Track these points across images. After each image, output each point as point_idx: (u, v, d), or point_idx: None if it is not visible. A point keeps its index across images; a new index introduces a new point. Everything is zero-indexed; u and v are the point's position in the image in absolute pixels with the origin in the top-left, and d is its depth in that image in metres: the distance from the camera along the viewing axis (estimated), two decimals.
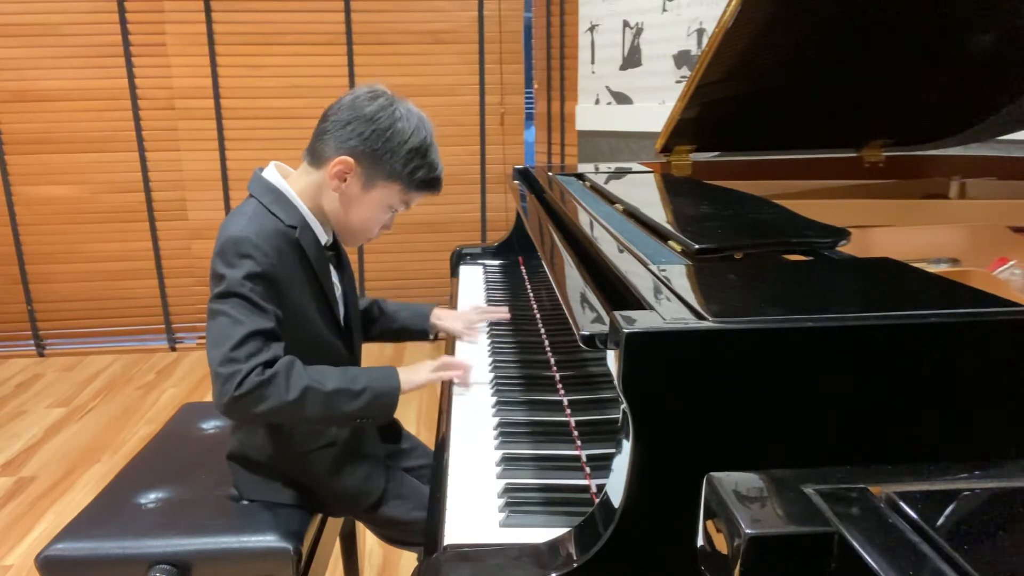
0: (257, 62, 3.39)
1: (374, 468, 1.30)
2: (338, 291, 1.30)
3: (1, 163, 3.36)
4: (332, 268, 1.28)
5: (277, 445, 1.24)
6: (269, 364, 1.06)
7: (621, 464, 0.67)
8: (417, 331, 1.50)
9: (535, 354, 1.33)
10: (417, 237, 3.63)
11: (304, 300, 1.19)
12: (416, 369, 1.22)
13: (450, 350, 1.43)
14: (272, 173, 1.21)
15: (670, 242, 0.97)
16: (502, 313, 1.52)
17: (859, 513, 0.50)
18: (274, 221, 1.15)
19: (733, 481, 0.55)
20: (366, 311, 1.48)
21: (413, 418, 2.79)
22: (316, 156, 1.19)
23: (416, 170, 1.19)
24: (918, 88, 1.51)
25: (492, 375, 1.27)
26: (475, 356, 1.35)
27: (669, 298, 0.71)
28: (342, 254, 1.34)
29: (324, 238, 1.24)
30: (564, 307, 0.86)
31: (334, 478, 1.26)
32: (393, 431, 1.48)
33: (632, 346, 0.63)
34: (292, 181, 1.21)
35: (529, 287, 1.67)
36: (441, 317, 1.49)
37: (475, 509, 0.87)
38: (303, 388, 1.07)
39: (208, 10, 3.30)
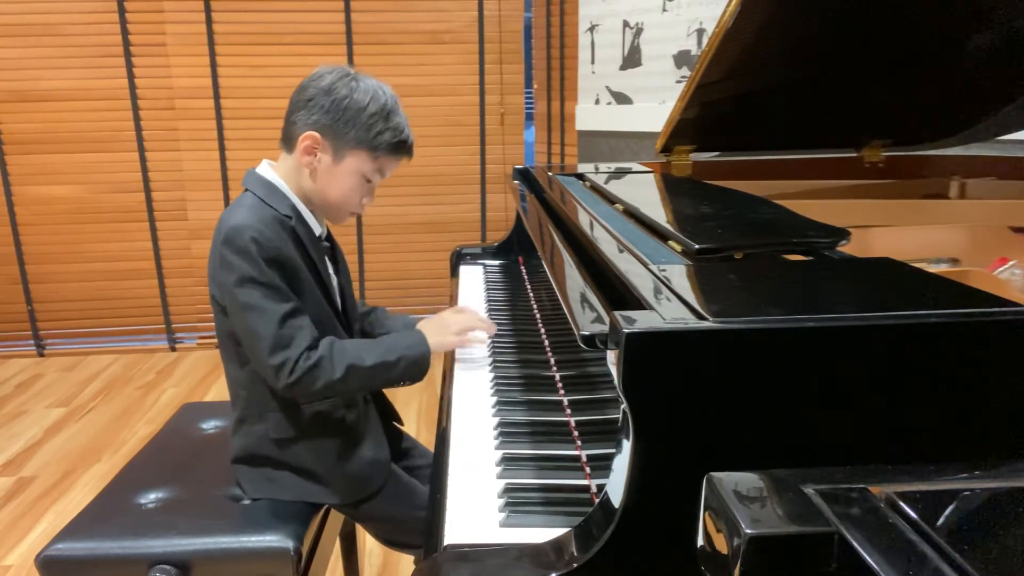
0: (257, 62, 3.39)
1: (379, 451, 1.32)
2: (334, 282, 1.33)
3: (1, 163, 3.36)
4: (328, 261, 1.32)
5: (282, 431, 1.25)
6: (313, 347, 1.16)
7: (621, 464, 0.67)
8: None
9: (535, 354, 1.33)
10: (417, 237, 3.63)
11: (307, 285, 1.23)
12: (441, 331, 1.29)
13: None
14: (264, 168, 1.26)
15: (670, 242, 0.97)
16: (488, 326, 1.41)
17: (859, 513, 0.50)
18: (271, 211, 1.20)
19: (733, 481, 0.55)
20: (363, 314, 1.52)
21: (413, 418, 2.79)
22: (288, 140, 1.25)
23: (380, 134, 1.22)
24: (918, 88, 1.51)
25: (492, 375, 1.27)
26: (475, 355, 1.35)
27: (669, 298, 0.71)
28: (337, 250, 1.38)
29: (318, 230, 1.29)
30: (564, 307, 0.86)
31: (341, 460, 1.27)
32: (394, 430, 1.49)
33: (632, 346, 0.63)
34: (277, 173, 1.26)
35: (529, 287, 1.67)
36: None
37: (475, 509, 0.86)
38: (347, 366, 1.17)
39: (208, 10, 3.30)
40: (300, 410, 1.25)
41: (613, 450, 0.69)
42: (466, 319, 1.33)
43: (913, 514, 0.48)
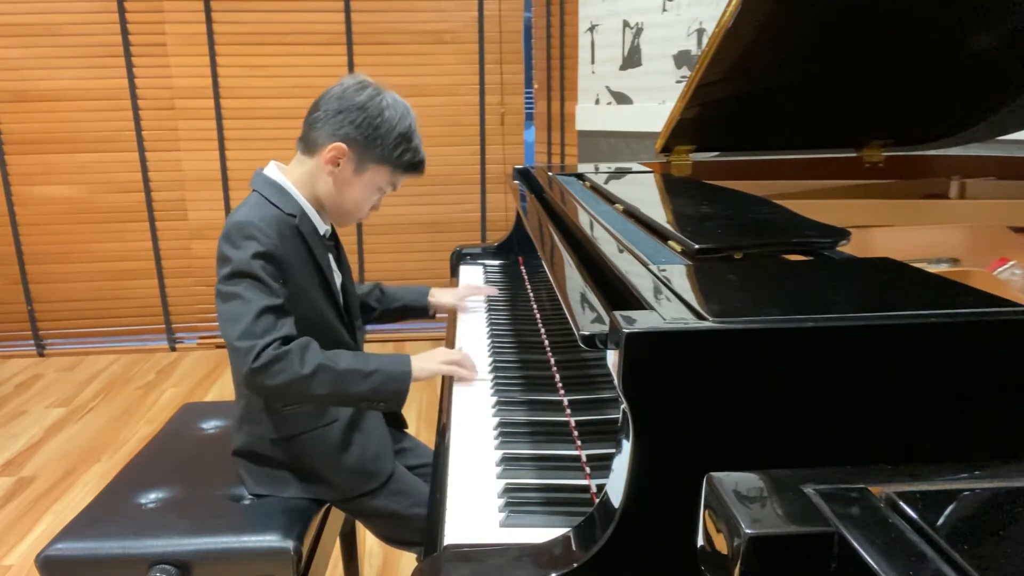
0: (257, 62, 3.39)
1: (382, 447, 1.33)
2: (338, 279, 1.34)
3: (1, 163, 3.36)
4: (331, 259, 1.33)
5: (281, 430, 1.27)
6: (285, 340, 1.13)
7: (621, 464, 0.67)
8: (418, 308, 1.61)
9: (535, 354, 1.33)
10: (417, 237, 3.63)
11: (307, 282, 1.24)
12: (429, 358, 1.26)
13: (452, 327, 1.52)
14: (272, 170, 1.28)
15: (670, 242, 0.97)
16: (491, 290, 1.68)
17: (859, 513, 0.50)
18: (275, 210, 1.22)
19: (733, 481, 0.55)
20: (368, 294, 1.56)
21: (413, 418, 2.79)
22: (309, 145, 1.26)
23: (403, 153, 1.27)
24: (918, 88, 1.51)
25: (492, 375, 1.27)
26: (475, 355, 1.35)
27: (669, 298, 0.71)
28: (340, 248, 1.40)
29: (323, 228, 1.30)
30: (564, 307, 0.86)
31: (341, 455, 1.28)
32: (399, 422, 1.51)
33: (632, 346, 0.63)
34: (288, 173, 1.27)
35: (529, 287, 1.67)
36: (436, 295, 1.62)
37: (475, 509, 0.87)
38: (316, 365, 1.13)
39: (208, 10, 3.30)
40: (300, 412, 1.26)
41: (613, 450, 0.69)
42: (453, 353, 1.30)
43: (913, 514, 0.48)
